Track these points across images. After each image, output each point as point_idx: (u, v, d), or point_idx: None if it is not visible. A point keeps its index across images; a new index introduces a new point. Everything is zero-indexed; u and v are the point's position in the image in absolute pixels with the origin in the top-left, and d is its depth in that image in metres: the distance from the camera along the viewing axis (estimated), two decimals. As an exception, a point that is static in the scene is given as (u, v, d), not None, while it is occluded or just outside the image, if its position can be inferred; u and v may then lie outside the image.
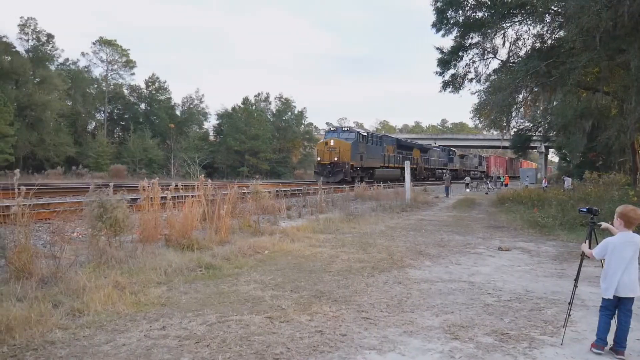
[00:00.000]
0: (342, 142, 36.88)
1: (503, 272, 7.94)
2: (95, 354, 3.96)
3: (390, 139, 48.47)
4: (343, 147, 36.39)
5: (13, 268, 5.82)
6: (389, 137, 49.27)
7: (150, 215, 8.81)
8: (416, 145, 57.10)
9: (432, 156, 60.19)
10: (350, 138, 37.59)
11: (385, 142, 44.94)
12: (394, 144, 47.53)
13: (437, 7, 22.41)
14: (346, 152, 36.19)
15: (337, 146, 36.35)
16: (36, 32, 58.28)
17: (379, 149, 42.92)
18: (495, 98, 20.42)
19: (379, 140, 43.80)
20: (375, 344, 4.43)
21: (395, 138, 51.78)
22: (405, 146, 51.12)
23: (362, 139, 39.12)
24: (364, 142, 39.47)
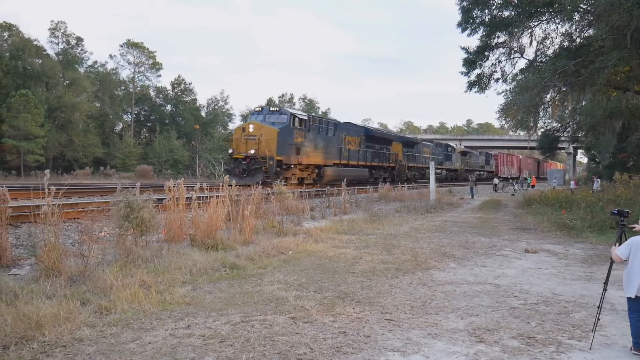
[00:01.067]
0: (265, 127, 25.31)
1: (530, 274, 7.82)
2: (122, 352, 4.02)
3: (355, 128, 35.48)
4: (266, 135, 24.84)
5: (43, 266, 5.95)
6: (354, 125, 36.32)
7: (175, 215, 8.92)
8: (396, 137, 45.07)
9: (421, 152, 47.90)
10: (280, 122, 25.95)
11: (343, 132, 32.29)
12: (359, 135, 34.78)
13: (462, 7, 22.18)
14: (270, 142, 24.67)
15: (257, 133, 24.85)
16: (66, 36, 59.68)
17: (333, 140, 30.76)
18: (522, 98, 20.12)
19: (331, 129, 31.03)
20: (399, 345, 4.40)
21: (363, 127, 39.04)
22: (379, 138, 38.54)
23: (299, 124, 27.11)
24: (304, 130, 27.43)
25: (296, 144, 26.62)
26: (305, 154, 27.47)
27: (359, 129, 36.52)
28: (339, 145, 31.36)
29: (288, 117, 26.54)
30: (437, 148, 53.73)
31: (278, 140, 25.08)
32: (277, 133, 25.12)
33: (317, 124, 29.50)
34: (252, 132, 25.16)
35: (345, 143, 32.18)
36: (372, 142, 36.85)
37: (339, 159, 31.09)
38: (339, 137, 31.61)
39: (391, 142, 40.93)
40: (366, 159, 35.08)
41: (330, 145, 30.32)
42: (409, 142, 46.45)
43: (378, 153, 37.18)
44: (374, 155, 36.29)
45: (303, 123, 27.62)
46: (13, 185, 18.71)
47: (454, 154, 57.29)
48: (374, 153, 36.52)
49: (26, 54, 51.19)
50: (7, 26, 52.84)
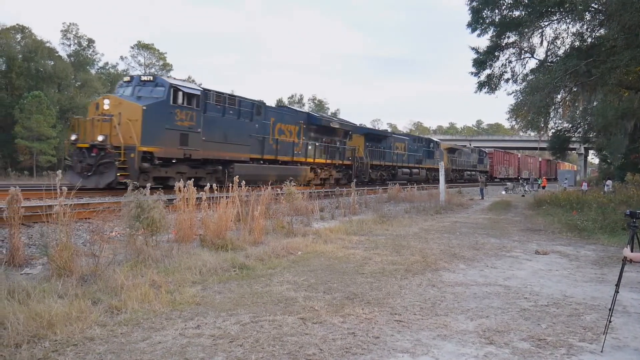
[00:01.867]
0: (126, 104, 17.52)
1: (540, 276, 7.77)
2: (132, 351, 4.05)
3: (291, 114, 27.61)
4: (127, 114, 17.03)
5: (55, 266, 6.01)
6: (290, 109, 29.46)
7: (185, 216, 8.96)
8: (356, 129, 35.02)
9: (391, 148, 38.67)
10: (153, 97, 18.07)
11: (272, 117, 24.37)
12: (298, 123, 26.65)
13: (472, 7, 22.10)
14: (131, 126, 16.88)
15: (114, 112, 17.07)
16: (77, 38, 60.25)
17: (251, 128, 22.63)
18: (533, 98, 20.02)
19: (248, 111, 22.60)
20: (409, 347, 4.39)
21: (305, 113, 30.20)
22: (329, 129, 29.72)
23: (186, 101, 18.93)
24: (196, 110, 19.31)
25: (181, 129, 18.58)
26: (199, 145, 19.44)
27: (298, 114, 28.23)
28: (263, 134, 23.42)
29: (166, 89, 18.20)
30: (416, 143, 45.46)
31: (145, 122, 17.06)
32: (142, 112, 17.01)
33: (223, 103, 21.21)
34: (107, 109, 17.18)
35: (275, 132, 24.41)
36: (319, 133, 28.76)
37: (260, 152, 23.22)
38: (263, 123, 23.50)
39: (348, 134, 32.51)
40: (307, 154, 27.13)
41: (245, 134, 22.22)
42: (375, 135, 37.39)
43: (328, 147, 29.41)
44: (321, 149, 28.61)
45: (194, 100, 19.31)
46: (25, 185, 18.59)
47: (437, 150, 48.67)
48: (322, 147, 28.75)
49: (39, 56, 51.78)
50: (20, 28, 53.45)
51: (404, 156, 41.53)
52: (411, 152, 43.06)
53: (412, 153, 43.27)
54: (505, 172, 69.43)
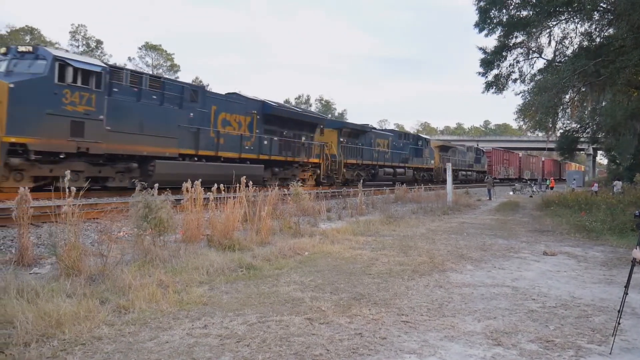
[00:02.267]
0: None
1: (548, 277, 7.73)
2: (140, 350, 4.07)
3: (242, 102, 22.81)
4: None
5: (63, 265, 6.05)
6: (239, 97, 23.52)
7: (193, 216, 8.99)
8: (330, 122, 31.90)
9: (371, 144, 34.53)
10: (30, 73, 14.57)
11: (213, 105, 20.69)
12: (250, 113, 22.65)
13: (480, 7, 22.02)
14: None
15: None
16: (86, 39, 60.88)
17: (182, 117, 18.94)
18: (541, 99, 19.93)
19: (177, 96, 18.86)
20: (416, 348, 4.38)
21: (261, 102, 24.39)
22: (293, 121, 25.79)
23: (80, 79, 15.23)
24: (96, 92, 15.69)
25: (73, 115, 14.89)
26: (101, 136, 15.69)
27: (251, 103, 23.33)
28: (199, 125, 19.57)
29: (49, 63, 14.56)
30: (401, 140, 40.50)
31: (12, 104, 13.53)
32: (8, 91, 13.51)
33: (139, 85, 17.38)
34: None
35: (218, 123, 20.73)
36: (279, 126, 24.71)
37: (194, 147, 19.36)
38: (201, 112, 19.74)
39: (316, 128, 28.14)
40: (262, 150, 23.08)
41: (172, 124, 18.23)
42: (351, 130, 32.76)
43: (290, 143, 25.32)
44: (281, 145, 24.54)
45: (92, 78, 15.50)
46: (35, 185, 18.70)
47: (426, 148, 44.48)
48: (282, 142, 24.71)
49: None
50: (29, 30, 53.85)
51: (387, 154, 36.86)
52: (396, 149, 38.37)
53: (397, 151, 38.57)
54: (505, 172, 65.71)
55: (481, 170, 59.03)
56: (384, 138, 37.32)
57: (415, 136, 45.50)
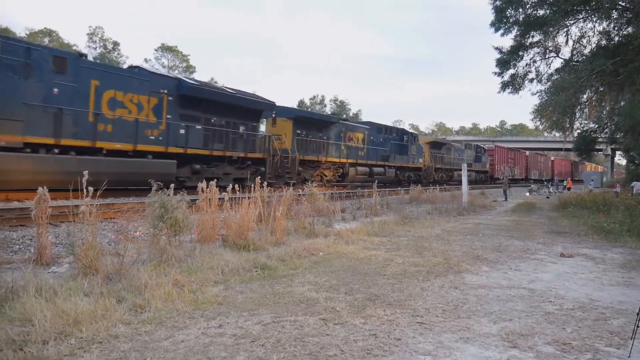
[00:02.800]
0: None
1: (565, 279, 7.64)
2: (156, 349, 4.10)
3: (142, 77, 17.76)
4: None
5: (81, 264, 6.12)
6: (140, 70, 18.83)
7: (208, 216, 9.04)
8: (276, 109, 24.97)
9: (339, 139, 29.18)
10: None
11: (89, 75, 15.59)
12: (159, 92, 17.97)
13: (496, 6, 21.88)
14: None
15: None
16: (103, 40, 61.54)
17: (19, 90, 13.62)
18: (558, 98, 19.74)
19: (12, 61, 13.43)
20: (431, 349, 4.36)
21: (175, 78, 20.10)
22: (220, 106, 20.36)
23: None
24: None
25: None
26: None
27: (159, 80, 18.35)
28: (68, 104, 14.88)
29: None
30: (381, 135, 34.39)
31: None
32: None
33: None
34: None
35: (102, 103, 15.96)
36: (206, 112, 19.65)
37: (54, 134, 14.58)
38: (69, 87, 14.97)
39: (260, 115, 23.18)
40: (175, 142, 18.25)
41: (14, 101, 13.55)
42: (310, 121, 27.27)
43: (221, 133, 20.29)
44: (208, 135, 19.64)
45: None
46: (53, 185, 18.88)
47: (413, 145, 38.36)
48: (210, 132, 19.76)
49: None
50: (47, 32, 54.60)
51: (362, 150, 31.45)
52: (374, 145, 32.68)
53: (375, 147, 32.83)
54: (510, 172, 59.94)
55: (482, 169, 54.06)
56: (357, 131, 31.58)
57: (400, 130, 38.70)
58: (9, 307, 4.70)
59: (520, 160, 65.44)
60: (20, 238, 8.90)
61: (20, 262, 6.83)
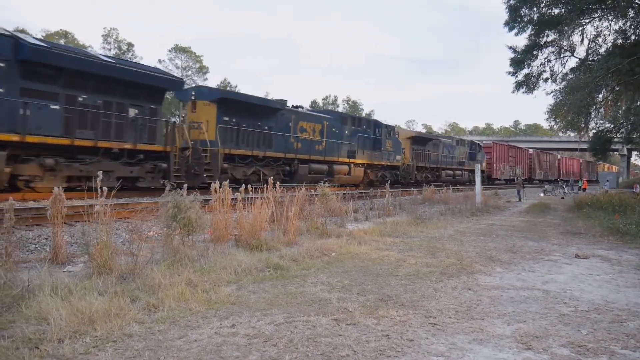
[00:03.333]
0: None
1: (580, 280, 7.56)
2: (169, 348, 4.13)
3: None
4: None
5: (95, 264, 6.18)
6: None
7: (221, 216, 9.09)
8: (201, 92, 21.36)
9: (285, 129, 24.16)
10: None
11: None
12: None
13: (510, 5, 21.74)
14: None
15: None
16: (117, 42, 62.06)
17: None
18: (573, 98, 19.55)
19: None
20: (443, 350, 4.34)
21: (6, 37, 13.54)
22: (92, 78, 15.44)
23: None
24: None
25: None
26: None
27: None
28: None
29: None
30: (347, 126, 28.95)
31: None
32: None
33: None
34: None
35: None
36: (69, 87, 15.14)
37: None
38: None
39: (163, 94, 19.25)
40: (15, 126, 13.64)
41: None
42: (243, 105, 21.70)
43: (95, 117, 15.74)
44: (69, 119, 15.00)
45: None
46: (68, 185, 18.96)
47: (389, 139, 32.83)
48: (75, 115, 15.17)
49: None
50: (63, 33, 55.19)
51: (319, 144, 26.22)
52: (336, 138, 27.42)
53: (338, 140, 27.59)
54: (511, 171, 55.64)
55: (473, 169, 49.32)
56: (313, 121, 25.87)
57: (372, 122, 32.80)
58: (25, 305, 4.76)
59: (523, 158, 60.79)
60: (36, 237, 9.01)
61: (36, 261, 6.92)
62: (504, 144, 59.45)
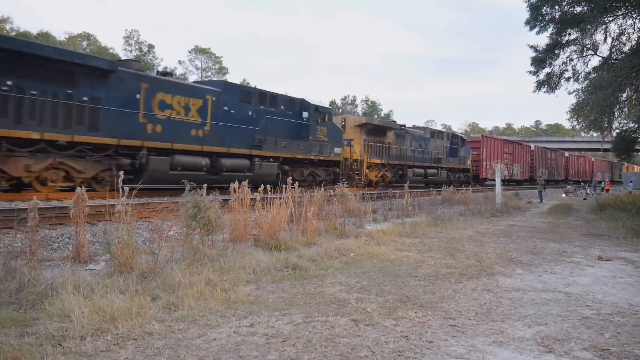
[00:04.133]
0: None
1: (603, 283, 7.44)
2: (189, 347, 4.16)
3: None
4: None
5: (117, 262, 6.26)
6: None
7: (240, 216, 9.14)
8: None
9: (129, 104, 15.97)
10: None
11: None
12: None
13: (531, 4, 21.47)
14: None
15: None
16: (139, 43, 62.85)
17: None
18: (596, 97, 19.25)
19: None
20: (463, 352, 4.30)
21: None
22: None
23: None
24: None
25: None
26: None
27: None
28: None
29: None
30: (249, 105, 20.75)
31: None
32: None
33: None
34: None
35: None
36: None
37: None
38: None
39: None
40: None
41: None
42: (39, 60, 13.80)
43: None
44: None
45: None
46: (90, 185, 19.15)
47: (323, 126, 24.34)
48: None
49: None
50: (85, 36, 56.10)
51: (199, 129, 18.55)
52: (228, 120, 19.46)
53: (234, 124, 19.58)
54: (507, 170, 48.07)
55: (460, 167, 39.79)
56: (186, 95, 18.11)
57: (297, 102, 23.61)
58: (48, 303, 4.84)
59: (522, 156, 52.89)
60: (59, 236, 9.16)
61: (59, 259, 7.04)
62: (498, 138, 50.91)
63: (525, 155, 53.79)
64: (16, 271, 5.45)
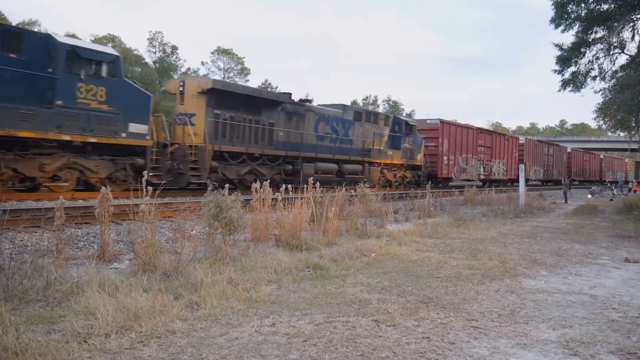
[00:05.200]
0: None
1: (630, 285, 7.28)
2: (211, 345, 4.20)
3: None
4: None
5: (140, 261, 6.35)
6: None
7: (261, 216, 9.19)
8: None
9: None
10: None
11: None
12: None
13: (556, 2, 21.13)
14: None
15: None
16: (162, 45, 63.60)
17: None
18: (623, 96, 18.88)
19: None
20: (486, 354, 4.26)
21: None
22: None
23: None
24: None
25: None
26: None
27: None
28: None
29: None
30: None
31: None
32: None
33: None
34: None
35: None
36: None
37: None
38: None
39: None
40: None
41: None
42: None
43: None
44: None
45: None
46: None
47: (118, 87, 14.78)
48: None
49: (127, 63, 55.06)
50: (110, 38, 56.98)
51: None
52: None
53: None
54: (482, 168, 37.68)
55: (401, 162, 28.88)
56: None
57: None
58: (74, 301, 4.93)
59: (507, 151, 41.60)
60: (84, 235, 9.32)
61: (84, 258, 7.17)
62: (468, 126, 37.42)
63: (511, 149, 42.31)
64: (43, 269, 5.56)
